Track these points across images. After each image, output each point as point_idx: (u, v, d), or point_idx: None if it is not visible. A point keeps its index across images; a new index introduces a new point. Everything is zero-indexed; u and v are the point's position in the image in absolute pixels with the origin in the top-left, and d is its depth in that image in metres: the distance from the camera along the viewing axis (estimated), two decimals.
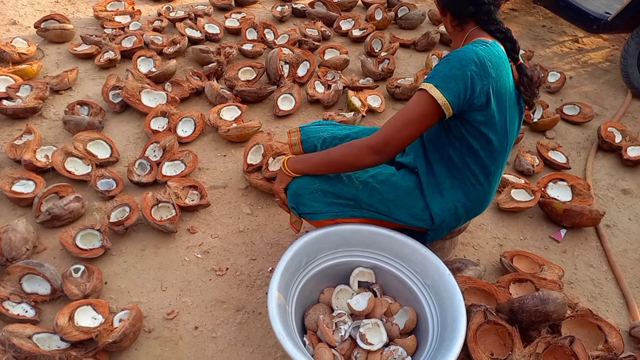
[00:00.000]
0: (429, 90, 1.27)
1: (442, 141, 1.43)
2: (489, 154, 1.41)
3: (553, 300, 1.46)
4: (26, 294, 1.65)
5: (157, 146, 2.25)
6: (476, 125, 1.34)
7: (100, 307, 1.60)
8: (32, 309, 1.60)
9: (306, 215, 1.52)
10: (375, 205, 1.49)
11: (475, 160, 1.42)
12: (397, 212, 1.49)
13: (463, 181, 1.46)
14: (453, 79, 1.25)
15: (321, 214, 1.50)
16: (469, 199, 1.48)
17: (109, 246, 1.81)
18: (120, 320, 1.55)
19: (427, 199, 1.47)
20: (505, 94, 1.34)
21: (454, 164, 1.43)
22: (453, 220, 1.50)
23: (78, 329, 1.49)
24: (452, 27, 1.42)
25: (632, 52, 2.99)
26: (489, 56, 1.28)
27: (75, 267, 1.69)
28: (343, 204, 1.50)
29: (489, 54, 1.28)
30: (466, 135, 1.36)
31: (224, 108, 2.53)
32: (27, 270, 1.66)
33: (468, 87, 1.26)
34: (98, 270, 1.72)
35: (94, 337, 1.48)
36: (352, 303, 1.51)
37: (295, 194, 1.49)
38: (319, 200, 1.48)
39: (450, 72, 1.26)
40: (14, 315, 1.56)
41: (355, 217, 1.53)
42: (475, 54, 1.26)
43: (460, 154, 1.41)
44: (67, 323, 1.50)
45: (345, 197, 1.49)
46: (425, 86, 1.28)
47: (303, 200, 1.49)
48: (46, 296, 1.65)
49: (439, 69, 1.29)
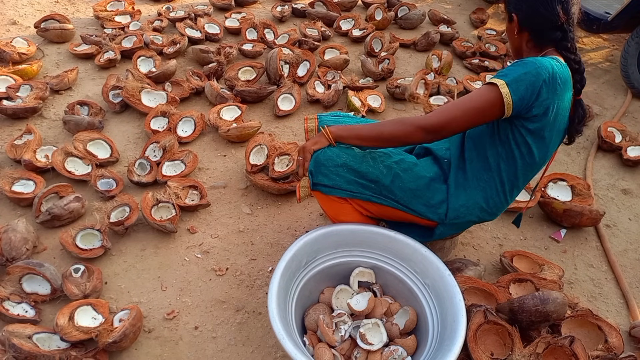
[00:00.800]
0: (500, 86, 1.27)
1: (484, 140, 1.45)
2: (524, 166, 1.42)
3: (553, 300, 1.46)
4: (26, 294, 1.65)
5: (157, 146, 2.25)
6: (524, 133, 1.35)
7: (100, 307, 1.60)
8: (32, 309, 1.60)
9: (322, 187, 1.49)
10: (395, 191, 1.48)
11: (509, 168, 1.43)
12: (414, 201, 1.49)
13: (489, 185, 1.47)
14: (524, 82, 1.27)
15: (339, 190, 1.48)
16: (488, 205, 1.49)
17: (109, 246, 1.81)
18: (120, 320, 1.55)
19: (449, 192, 1.48)
20: (561, 116, 1.36)
21: (488, 166, 1.44)
22: (464, 220, 1.51)
23: (78, 329, 1.49)
24: (527, 45, 1.41)
25: (632, 52, 2.99)
26: (561, 74, 1.29)
27: (75, 267, 1.69)
28: (364, 185, 1.48)
29: (562, 73, 1.30)
30: (511, 140, 1.38)
31: (224, 108, 2.53)
32: (27, 270, 1.66)
33: (534, 94, 1.27)
34: (98, 270, 1.72)
35: (94, 337, 1.48)
36: (352, 303, 1.51)
37: (319, 163, 1.47)
38: (341, 175, 1.47)
39: (525, 75, 1.27)
40: (14, 315, 1.56)
41: (371, 201, 1.50)
42: (552, 67, 1.28)
43: (498, 157, 1.42)
44: (67, 323, 1.50)
45: (368, 178, 1.48)
46: (496, 81, 1.28)
47: (325, 171, 1.47)
48: (46, 296, 1.65)
49: (513, 69, 1.30)
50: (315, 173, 1.48)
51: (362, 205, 1.54)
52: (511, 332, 1.47)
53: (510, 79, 1.27)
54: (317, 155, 1.48)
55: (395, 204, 1.50)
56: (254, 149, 2.22)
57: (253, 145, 2.23)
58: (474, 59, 3.25)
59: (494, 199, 1.48)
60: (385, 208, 1.52)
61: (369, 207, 1.54)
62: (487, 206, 1.49)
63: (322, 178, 1.48)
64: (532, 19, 1.35)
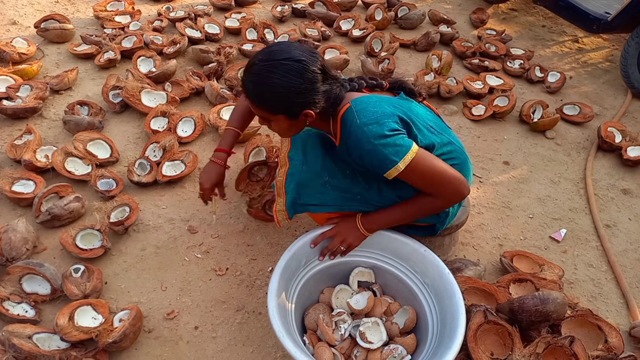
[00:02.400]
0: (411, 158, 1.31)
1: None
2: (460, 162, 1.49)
3: (553, 300, 1.46)
4: (26, 294, 1.65)
5: (157, 146, 2.25)
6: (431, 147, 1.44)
7: (100, 307, 1.60)
8: (32, 309, 1.60)
9: (310, 207, 1.50)
10: (384, 200, 1.49)
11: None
12: None
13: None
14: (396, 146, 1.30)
15: (327, 206, 1.49)
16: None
17: (109, 246, 1.81)
18: (120, 320, 1.55)
19: None
20: (421, 117, 1.44)
21: None
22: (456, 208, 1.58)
23: (78, 329, 1.49)
24: (320, 118, 1.38)
25: (632, 52, 2.99)
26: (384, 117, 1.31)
27: (75, 267, 1.69)
28: (350, 198, 1.49)
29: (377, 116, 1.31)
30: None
31: (224, 108, 2.52)
32: (27, 270, 1.66)
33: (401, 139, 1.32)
34: (98, 270, 1.72)
35: (94, 337, 1.48)
36: (352, 302, 1.51)
37: (301, 185, 1.48)
38: (326, 193, 1.48)
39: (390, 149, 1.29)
40: (14, 315, 1.56)
41: (362, 211, 1.51)
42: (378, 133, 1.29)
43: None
44: (67, 323, 1.50)
45: (353, 192, 1.48)
46: (402, 166, 1.30)
47: (309, 191, 1.48)
48: (46, 296, 1.65)
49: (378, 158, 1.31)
50: (301, 194, 1.49)
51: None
52: (511, 332, 1.47)
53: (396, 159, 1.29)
54: (296, 177, 1.49)
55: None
56: (253, 151, 2.22)
57: (252, 148, 2.23)
58: (474, 59, 3.25)
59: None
60: None
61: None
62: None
63: (307, 198, 1.49)
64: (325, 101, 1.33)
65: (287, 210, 1.51)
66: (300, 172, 1.49)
